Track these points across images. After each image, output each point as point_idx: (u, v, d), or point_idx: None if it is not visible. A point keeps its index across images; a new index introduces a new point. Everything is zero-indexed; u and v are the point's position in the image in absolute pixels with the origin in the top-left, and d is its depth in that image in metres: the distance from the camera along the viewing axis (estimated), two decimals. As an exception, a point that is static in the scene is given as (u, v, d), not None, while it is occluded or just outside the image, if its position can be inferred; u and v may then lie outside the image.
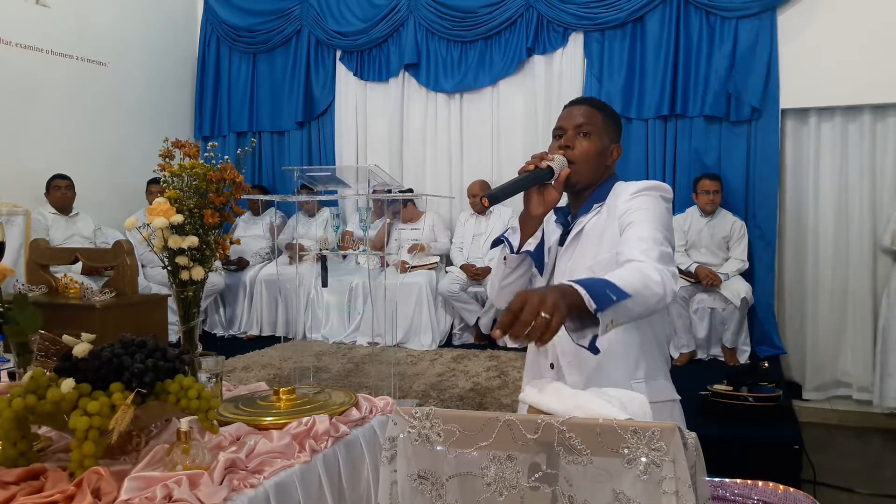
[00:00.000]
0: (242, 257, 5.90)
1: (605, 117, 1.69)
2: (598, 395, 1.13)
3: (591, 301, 1.20)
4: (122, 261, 2.69)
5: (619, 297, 1.24)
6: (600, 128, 1.66)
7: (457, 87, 5.76)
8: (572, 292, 1.20)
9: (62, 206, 5.12)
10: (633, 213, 1.54)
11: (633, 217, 1.53)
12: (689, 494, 0.95)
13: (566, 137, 1.66)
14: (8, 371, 1.89)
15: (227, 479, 1.30)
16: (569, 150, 1.64)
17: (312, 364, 4.65)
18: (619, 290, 1.25)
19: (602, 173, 1.68)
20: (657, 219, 1.52)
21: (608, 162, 1.69)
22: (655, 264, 1.39)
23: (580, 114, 1.67)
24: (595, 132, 1.65)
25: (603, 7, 5.23)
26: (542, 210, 1.60)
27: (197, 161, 2.01)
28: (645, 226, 1.50)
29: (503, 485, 1.04)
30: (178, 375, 1.43)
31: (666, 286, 1.36)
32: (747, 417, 3.48)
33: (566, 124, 1.67)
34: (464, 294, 5.23)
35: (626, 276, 1.33)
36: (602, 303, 1.20)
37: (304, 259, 5.55)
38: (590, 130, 1.65)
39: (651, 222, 1.51)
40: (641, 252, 1.43)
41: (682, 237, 4.89)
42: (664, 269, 1.39)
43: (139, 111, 6.05)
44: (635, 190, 1.59)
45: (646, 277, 1.34)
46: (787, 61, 4.83)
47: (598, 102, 1.72)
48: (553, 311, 1.12)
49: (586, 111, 1.67)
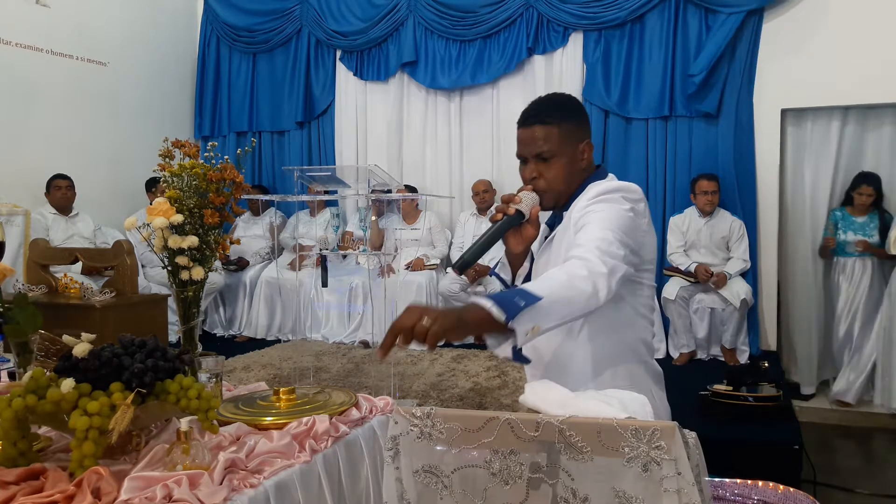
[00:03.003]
0: (242, 257, 5.90)
1: (562, 124, 1.57)
2: (598, 397, 1.13)
3: (499, 313, 1.16)
4: (122, 261, 2.69)
5: (528, 301, 1.19)
6: (560, 143, 1.56)
7: (454, 84, 5.74)
8: (476, 307, 1.18)
9: (62, 206, 5.12)
10: (587, 217, 1.47)
11: (585, 220, 1.47)
12: (693, 492, 0.95)
13: (529, 169, 1.58)
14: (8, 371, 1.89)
15: (227, 479, 1.29)
16: (537, 182, 1.57)
17: (312, 364, 4.65)
18: (529, 294, 1.20)
19: (578, 179, 1.60)
20: (610, 220, 1.44)
21: (581, 165, 1.60)
22: (588, 262, 1.33)
23: (535, 139, 1.56)
24: (556, 152, 1.56)
25: (602, 7, 5.23)
26: (523, 247, 1.58)
27: (197, 161, 2.01)
28: (594, 227, 1.43)
29: (508, 474, 1.04)
30: (178, 375, 1.43)
31: (596, 282, 1.29)
32: (747, 417, 3.48)
33: (524, 152, 1.59)
34: (464, 294, 5.23)
35: (544, 279, 1.29)
36: (510, 311, 1.16)
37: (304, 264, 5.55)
38: (549, 153, 1.55)
39: (601, 223, 1.43)
40: (580, 252, 1.37)
41: (681, 237, 4.89)
42: (596, 265, 1.32)
43: (139, 111, 6.04)
44: (595, 194, 1.51)
45: (571, 276, 1.29)
46: (786, 61, 4.83)
47: (547, 112, 1.58)
48: (435, 318, 1.12)
49: (540, 132, 1.56)
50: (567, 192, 1.59)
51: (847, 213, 4.66)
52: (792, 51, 4.82)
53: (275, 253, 6.00)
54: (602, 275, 1.31)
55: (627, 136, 5.32)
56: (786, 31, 4.84)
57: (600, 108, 5.32)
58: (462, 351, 5.00)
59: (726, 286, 4.62)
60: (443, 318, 1.12)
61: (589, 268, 1.31)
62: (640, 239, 1.50)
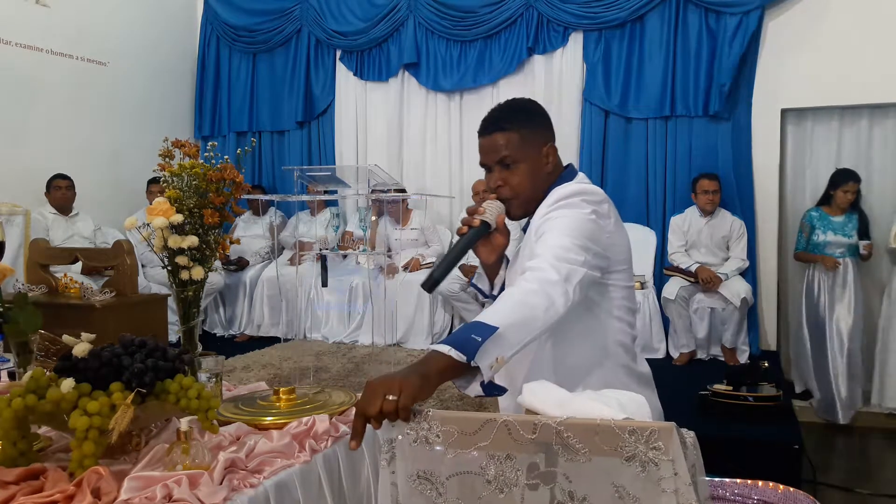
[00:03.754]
0: (242, 257, 5.90)
1: (522, 130, 1.55)
2: (595, 398, 1.13)
3: (458, 355, 1.14)
4: (122, 261, 2.69)
5: (484, 335, 1.16)
6: (521, 149, 1.54)
7: (456, 86, 5.75)
8: (435, 358, 1.15)
9: (62, 205, 5.12)
10: (546, 224, 1.44)
11: (544, 228, 1.43)
12: (690, 493, 0.95)
13: (493, 178, 1.56)
14: (8, 371, 1.89)
15: (227, 479, 1.30)
16: (502, 189, 1.55)
17: (312, 364, 4.66)
18: (484, 326, 1.18)
19: (545, 184, 1.57)
20: (569, 227, 1.40)
21: (547, 169, 1.57)
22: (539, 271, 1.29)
23: (495, 146, 1.54)
24: (519, 157, 1.54)
25: (603, 6, 5.23)
26: (495, 257, 1.56)
27: (197, 161, 2.01)
28: (552, 234, 1.39)
29: (503, 482, 1.04)
30: (178, 375, 1.43)
31: (550, 293, 1.26)
32: (747, 417, 3.48)
33: (487, 160, 1.57)
34: (463, 294, 5.22)
35: (498, 303, 1.26)
36: (469, 350, 1.14)
37: (303, 260, 5.55)
38: (512, 159, 1.54)
39: (559, 230, 1.39)
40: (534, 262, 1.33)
41: (682, 237, 4.89)
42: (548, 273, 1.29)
43: (139, 111, 6.05)
44: (554, 200, 1.48)
45: (523, 293, 1.26)
46: (787, 61, 4.84)
47: (506, 119, 1.56)
48: (399, 391, 1.07)
49: (501, 139, 1.54)
50: (534, 197, 1.55)
51: (824, 212, 4.59)
52: (792, 51, 4.82)
53: (275, 253, 6.00)
54: (554, 283, 1.28)
55: (627, 136, 5.32)
56: (786, 31, 4.84)
57: (600, 108, 5.33)
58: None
59: (726, 286, 4.62)
60: (407, 387, 1.08)
61: (539, 279, 1.28)
62: (605, 241, 1.46)
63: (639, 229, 5.19)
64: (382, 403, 1.07)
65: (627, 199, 5.24)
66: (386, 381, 1.09)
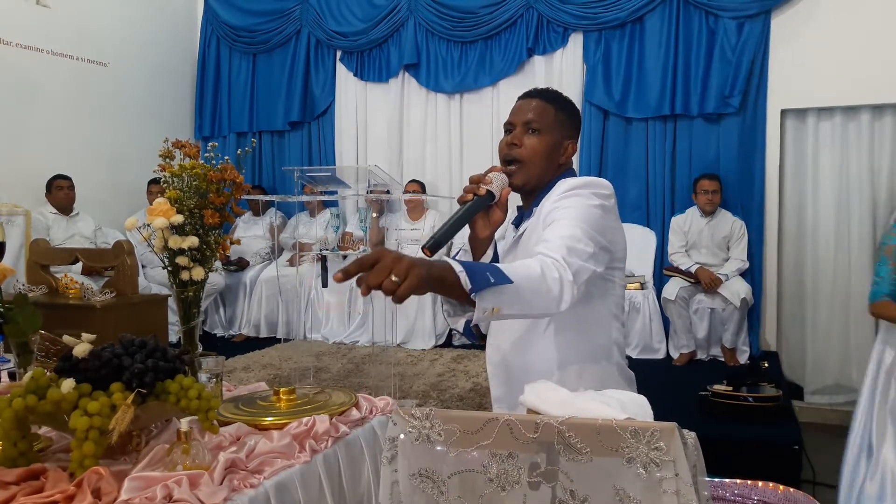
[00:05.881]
0: (242, 257, 5.90)
1: (558, 111, 1.57)
2: (597, 398, 1.13)
3: (466, 280, 1.13)
4: (122, 261, 2.69)
5: (498, 280, 1.15)
6: (551, 123, 1.55)
7: (457, 88, 5.76)
8: (446, 268, 1.13)
9: (63, 206, 5.12)
10: (556, 212, 1.43)
11: (555, 216, 1.42)
12: (691, 494, 0.95)
13: (514, 135, 1.56)
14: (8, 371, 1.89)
15: (227, 479, 1.30)
16: (515, 149, 1.55)
17: (312, 364, 4.65)
18: (501, 274, 1.17)
19: (553, 172, 1.57)
20: (580, 216, 1.40)
21: (560, 160, 1.58)
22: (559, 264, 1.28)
23: (530, 109, 1.55)
24: (545, 128, 1.54)
25: (603, 7, 5.23)
26: (489, 232, 1.54)
27: (197, 161, 2.01)
28: (564, 223, 1.39)
29: (505, 480, 1.04)
30: (178, 375, 1.43)
31: (563, 284, 1.25)
32: (747, 417, 3.48)
33: (515, 119, 1.57)
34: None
35: (519, 266, 1.24)
36: (478, 283, 1.13)
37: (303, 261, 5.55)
38: (539, 127, 1.54)
39: (571, 220, 1.39)
40: (550, 247, 1.32)
41: (683, 238, 4.89)
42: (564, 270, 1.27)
43: (139, 111, 6.05)
44: (565, 189, 1.47)
45: (545, 272, 1.25)
46: (787, 62, 4.84)
47: (552, 95, 1.60)
48: (405, 275, 1.06)
49: (537, 105, 1.56)
50: (539, 177, 1.56)
51: None
52: (792, 51, 4.82)
53: (275, 253, 6.01)
54: (569, 283, 1.27)
55: (627, 137, 5.33)
56: (786, 32, 4.84)
57: (600, 109, 5.33)
58: (462, 351, 5.01)
59: (726, 286, 4.62)
60: (411, 277, 1.06)
61: (561, 272, 1.27)
62: (609, 236, 1.46)
63: (639, 229, 5.20)
64: (385, 280, 1.06)
65: (627, 199, 5.25)
66: (398, 259, 1.07)
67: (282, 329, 5.59)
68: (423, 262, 1.11)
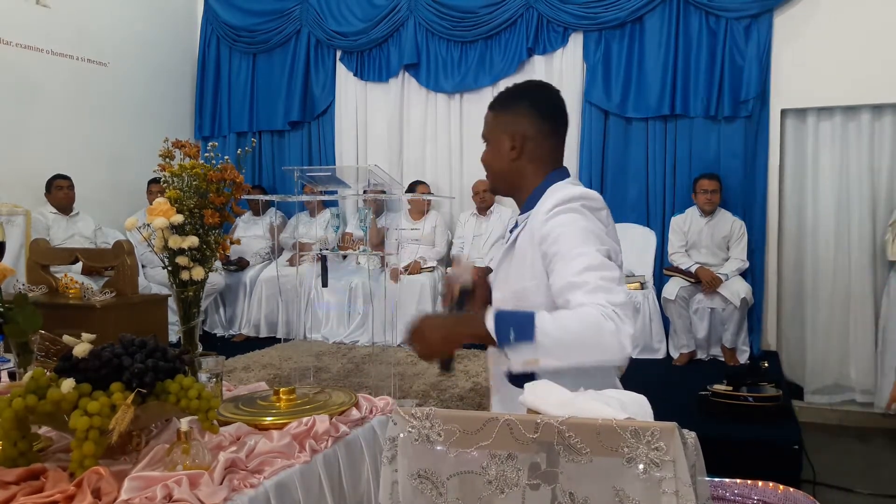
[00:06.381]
0: (242, 257, 5.90)
1: (496, 113, 1.58)
2: (597, 398, 1.13)
3: (494, 335, 1.28)
4: (122, 261, 2.69)
5: (519, 338, 1.25)
6: (492, 129, 1.59)
7: (457, 88, 5.76)
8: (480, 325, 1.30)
9: (63, 206, 5.12)
10: (553, 242, 1.38)
11: (555, 248, 1.37)
12: (690, 494, 0.95)
13: None
14: (8, 371, 1.89)
15: (227, 479, 1.30)
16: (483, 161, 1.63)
17: (312, 364, 4.65)
18: (530, 331, 1.24)
19: (519, 172, 1.55)
20: (582, 239, 1.36)
21: (513, 157, 1.54)
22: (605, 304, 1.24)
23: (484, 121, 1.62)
24: (489, 136, 1.60)
25: (603, 7, 5.23)
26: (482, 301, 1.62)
27: (197, 161, 2.01)
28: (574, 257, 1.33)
29: (504, 482, 1.04)
30: (178, 375, 1.43)
31: (621, 334, 1.21)
32: (747, 417, 3.48)
33: None
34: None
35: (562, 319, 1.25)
36: (501, 338, 1.27)
37: (303, 260, 5.55)
38: (486, 136, 1.61)
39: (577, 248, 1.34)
40: (585, 293, 1.27)
41: (683, 237, 4.89)
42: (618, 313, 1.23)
43: (139, 111, 6.05)
44: (551, 206, 1.42)
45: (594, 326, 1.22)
46: (787, 62, 4.84)
47: (494, 100, 1.61)
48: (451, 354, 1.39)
49: (485, 117, 1.61)
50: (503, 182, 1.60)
51: None
52: (792, 51, 4.82)
53: (275, 253, 6.01)
54: (625, 328, 1.23)
55: (627, 136, 5.32)
56: (786, 32, 4.84)
57: (600, 109, 5.33)
58: (462, 351, 5.00)
59: (726, 286, 4.62)
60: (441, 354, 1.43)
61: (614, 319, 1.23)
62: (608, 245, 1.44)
63: (639, 229, 5.19)
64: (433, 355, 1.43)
65: (627, 199, 5.24)
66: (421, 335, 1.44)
67: (282, 329, 5.59)
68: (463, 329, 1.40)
